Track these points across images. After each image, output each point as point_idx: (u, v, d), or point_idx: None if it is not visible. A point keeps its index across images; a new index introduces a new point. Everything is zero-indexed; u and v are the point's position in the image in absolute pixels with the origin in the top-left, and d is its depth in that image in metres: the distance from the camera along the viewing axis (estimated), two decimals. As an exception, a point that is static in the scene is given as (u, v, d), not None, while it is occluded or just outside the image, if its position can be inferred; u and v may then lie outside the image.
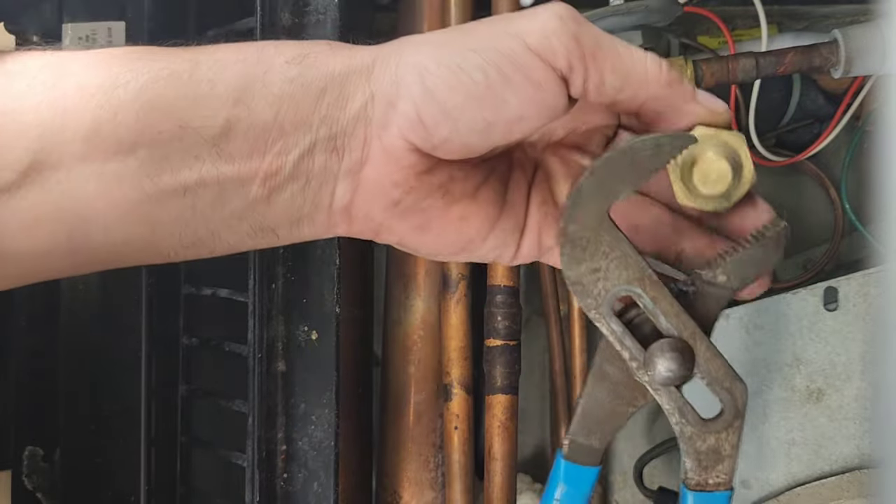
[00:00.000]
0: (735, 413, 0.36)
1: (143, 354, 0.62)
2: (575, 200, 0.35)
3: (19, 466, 0.64)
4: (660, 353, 0.35)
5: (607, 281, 0.35)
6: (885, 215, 0.31)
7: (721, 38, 0.75)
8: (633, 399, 0.37)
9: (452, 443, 0.64)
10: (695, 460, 0.36)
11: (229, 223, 0.35)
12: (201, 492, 0.64)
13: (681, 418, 0.36)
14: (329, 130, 0.34)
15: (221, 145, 0.33)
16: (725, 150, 0.35)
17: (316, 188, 0.35)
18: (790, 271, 0.79)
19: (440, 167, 0.35)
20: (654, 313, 0.35)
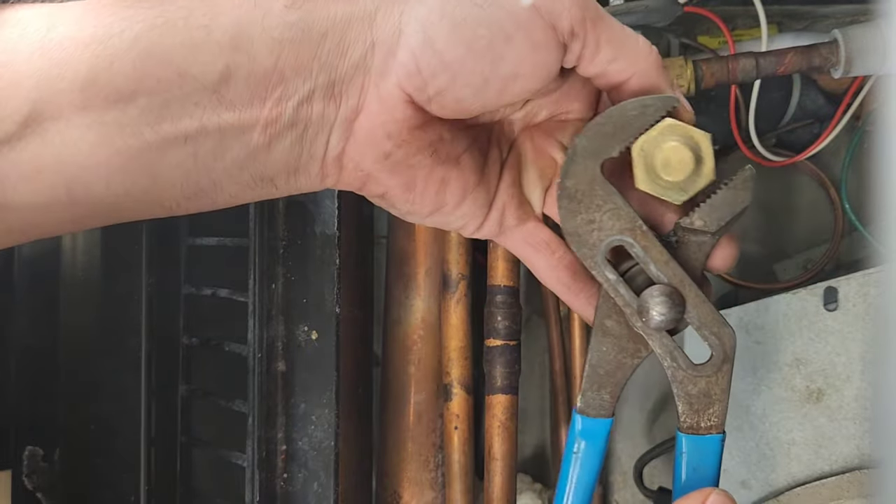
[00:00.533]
0: (724, 357, 0.38)
1: (143, 354, 0.62)
2: (571, 158, 0.37)
3: (19, 466, 0.64)
4: (651, 299, 0.36)
5: (601, 231, 0.37)
6: (885, 215, 0.31)
7: (721, 38, 0.75)
8: (636, 350, 0.39)
9: (452, 443, 0.64)
10: (686, 404, 0.38)
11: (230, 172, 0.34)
12: (201, 492, 0.64)
13: (672, 362, 0.38)
14: (328, 77, 0.34)
15: (222, 92, 0.33)
16: (690, 142, 0.36)
17: (312, 136, 0.35)
18: (790, 271, 0.79)
19: (432, 125, 0.36)
20: (645, 261, 0.37)
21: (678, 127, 0.36)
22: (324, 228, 0.56)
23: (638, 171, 0.37)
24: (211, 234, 0.62)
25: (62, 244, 0.64)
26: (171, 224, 0.64)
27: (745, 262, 0.81)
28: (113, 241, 0.64)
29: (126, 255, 0.63)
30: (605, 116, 0.37)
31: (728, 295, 0.81)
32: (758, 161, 0.72)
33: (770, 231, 0.81)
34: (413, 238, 0.67)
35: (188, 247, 0.64)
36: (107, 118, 0.32)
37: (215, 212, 0.63)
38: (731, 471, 0.61)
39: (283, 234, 0.57)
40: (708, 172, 0.36)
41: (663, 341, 0.38)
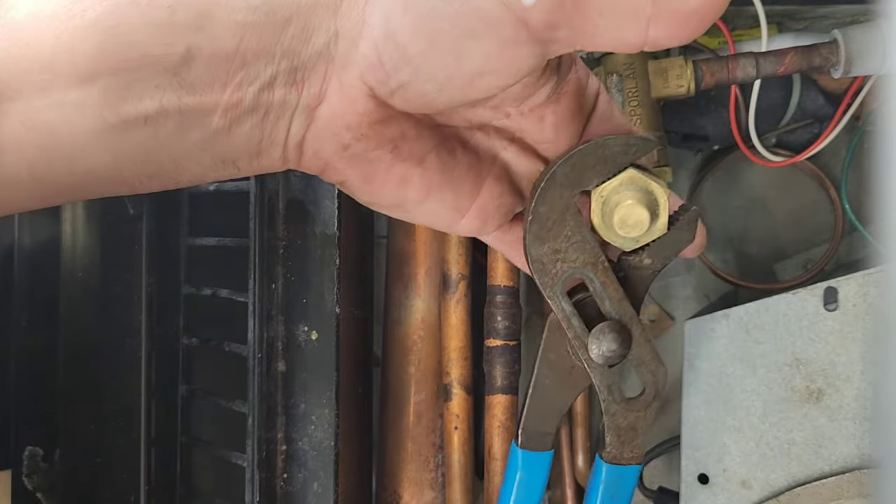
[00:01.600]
0: (654, 394, 0.39)
1: (143, 354, 0.62)
2: (549, 184, 0.37)
3: (19, 466, 0.64)
4: (603, 335, 0.38)
5: (564, 263, 0.38)
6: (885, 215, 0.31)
7: (721, 38, 0.75)
8: (576, 383, 0.40)
9: (452, 443, 0.64)
10: (615, 435, 0.40)
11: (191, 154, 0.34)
12: (201, 492, 0.64)
13: (608, 395, 0.39)
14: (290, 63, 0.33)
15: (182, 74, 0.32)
16: (649, 198, 0.37)
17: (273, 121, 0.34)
18: (790, 271, 0.79)
19: (395, 120, 0.35)
20: (601, 297, 0.38)
21: (640, 179, 0.37)
22: (324, 228, 0.56)
23: (595, 217, 0.37)
24: (211, 234, 0.62)
25: (62, 244, 0.64)
26: (171, 224, 0.64)
27: (745, 262, 0.81)
28: (113, 241, 0.64)
29: (126, 255, 0.63)
30: (588, 147, 0.37)
31: (728, 295, 0.81)
32: (758, 161, 0.72)
33: (770, 231, 0.81)
34: (413, 238, 0.67)
35: (188, 247, 0.64)
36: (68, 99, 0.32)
37: (215, 212, 0.63)
38: (731, 471, 0.62)
39: (283, 234, 0.57)
40: (661, 227, 0.37)
41: (605, 375, 0.39)
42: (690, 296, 0.82)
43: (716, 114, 0.73)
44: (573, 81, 0.37)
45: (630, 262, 0.38)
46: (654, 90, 0.63)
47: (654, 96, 0.63)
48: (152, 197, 0.63)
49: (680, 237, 0.38)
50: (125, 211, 0.63)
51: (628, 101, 0.63)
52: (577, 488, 0.76)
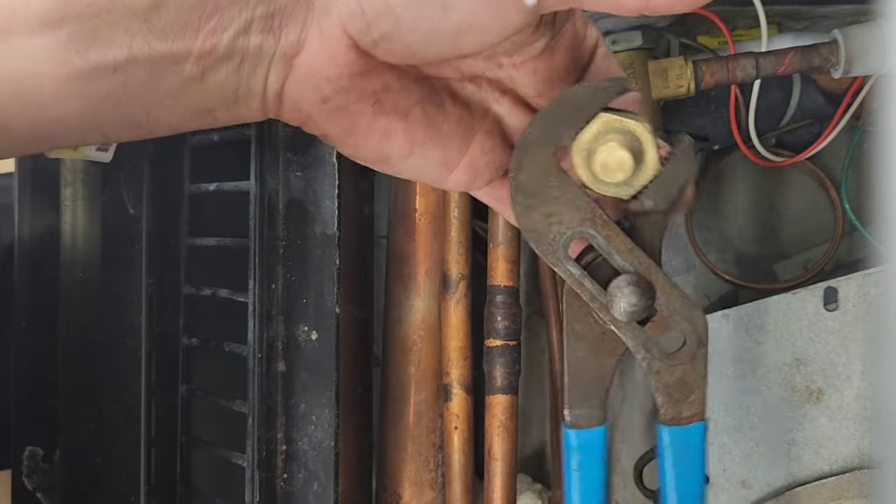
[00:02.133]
0: (698, 342, 0.36)
1: (143, 354, 0.63)
2: (521, 149, 0.35)
3: (19, 466, 0.64)
4: (619, 290, 0.35)
5: (560, 225, 0.35)
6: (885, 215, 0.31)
7: (721, 38, 0.75)
8: (612, 348, 0.37)
9: (452, 443, 0.64)
10: (665, 395, 0.37)
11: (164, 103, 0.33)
12: (201, 492, 0.64)
13: (646, 353, 0.36)
14: (266, 9, 0.32)
15: (153, 20, 0.31)
16: (629, 137, 0.34)
17: (250, 70, 0.33)
18: (790, 271, 0.79)
19: (377, 72, 0.34)
20: (609, 252, 0.35)
21: (614, 121, 0.34)
22: (324, 228, 0.56)
23: (581, 172, 0.35)
24: (211, 234, 0.62)
25: (62, 244, 0.64)
26: (171, 224, 0.64)
27: (745, 262, 0.81)
28: (113, 241, 0.64)
29: (126, 255, 0.63)
30: (553, 103, 0.35)
31: (728, 295, 0.81)
32: (758, 161, 0.72)
33: (770, 231, 0.81)
34: (413, 238, 0.67)
35: (188, 247, 0.64)
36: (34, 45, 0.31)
37: (215, 212, 0.63)
38: (731, 471, 0.62)
39: (283, 234, 0.57)
40: (651, 165, 0.35)
41: (635, 332, 0.36)
42: (690, 296, 0.82)
43: (716, 114, 0.73)
44: (569, 34, 0.36)
45: (635, 211, 0.36)
46: (654, 90, 0.63)
47: (654, 96, 0.63)
48: (152, 197, 0.63)
49: (678, 170, 0.35)
50: (125, 211, 0.63)
51: (628, 101, 0.63)
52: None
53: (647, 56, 0.64)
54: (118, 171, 0.63)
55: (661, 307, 0.36)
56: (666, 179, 0.35)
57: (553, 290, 0.74)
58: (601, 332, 0.37)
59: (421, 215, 0.66)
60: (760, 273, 0.80)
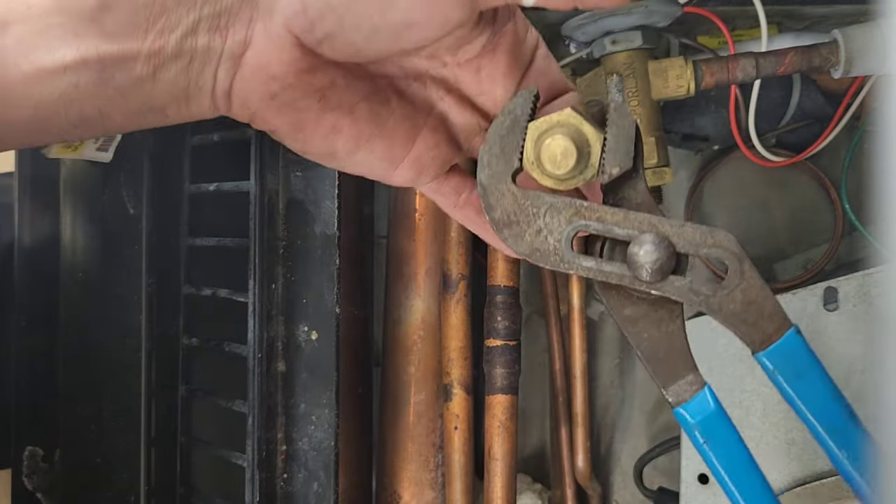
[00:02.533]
0: (738, 259, 0.36)
1: (143, 354, 0.62)
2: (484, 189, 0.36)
3: (19, 466, 0.64)
4: (638, 256, 0.35)
5: (552, 233, 0.36)
6: (885, 215, 0.31)
7: (721, 38, 0.75)
8: (670, 313, 0.37)
9: (452, 443, 0.64)
10: (742, 324, 0.36)
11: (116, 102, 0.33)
12: (201, 492, 0.64)
13: (698, 297, 0.35)
14: (213, 9, 0.33)
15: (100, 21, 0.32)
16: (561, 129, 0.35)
17: (199, 69, 0.34)
18: (790, 271, 0.79)
19: (323, 70, 0.35)
20: (608, 229, 0.36)
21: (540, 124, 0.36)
22: (324, 228, 0.56)
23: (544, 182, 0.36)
24: (211, 234, 0.62)
25: (62, 244, 0.64)
26: (171, 224, 0.64)
27: (745, 262, 0.81)
28: (113, 242, 0.64)
29: (126, 255, 0.63)
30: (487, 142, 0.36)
31: (728, 295, 0.81)
32: (758, 161, 0.72)
33: (770, 231, 0.81)
34: (413, 238, 0.67)
35: (188, 247, 0.64)
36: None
37: (215, 212, 0.63)
38: (731, 471, 0.62)
39: (283, 234, 0.57)
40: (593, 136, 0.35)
41: (676, 285, 0.35)
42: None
43: (716, 114, 0.73)
44: (510, 33, 0.36)
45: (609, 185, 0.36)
46: (654, 90, 0.63)
47: (654, 96, 0.63)
48: (152, 197, 0.63)
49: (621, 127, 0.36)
50: (125, 211, 0.63)
51: (628, 100, 0.63)
52: (577, 488, 0.76)
53: (647, 56, 0.64)
54: (118, 171, 0.63)
55: (684, 248, 0.35)
56: (614, 140, 0.36)
57: (553, 290, 0.74)
58: (649, 304, 0.37)
59: (421, 215, 0.66)
60: (760, 273, 0.80)
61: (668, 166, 0.64)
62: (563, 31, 0.67)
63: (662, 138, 0.64)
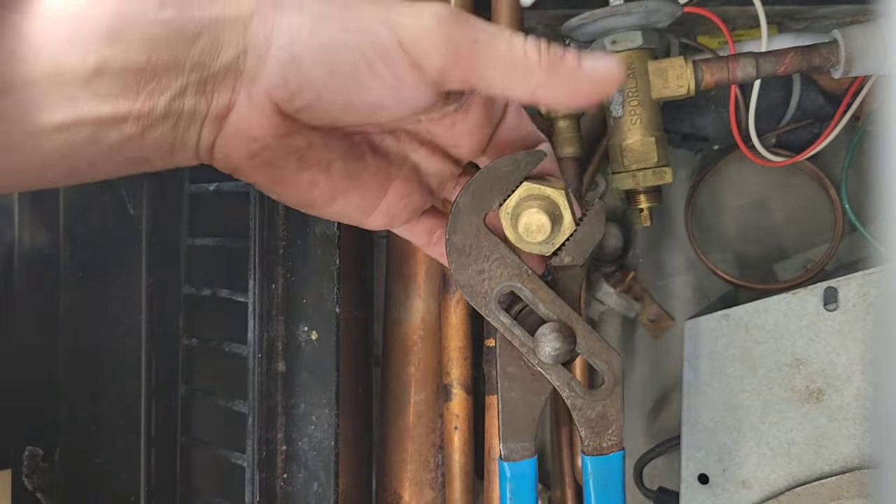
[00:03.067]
0: (614, 380, 0.41)
1: (143, 354, 0.62)
2: (455, 214, 0.40)
3: (19, 466, 0.64)
4: (544, 336, 0.39)
5: (491, 280, 0.40)
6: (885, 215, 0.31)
7: (721, 38, 0.75)
8: (541, 388, 0.42)
9: (452, 443, 0.64)
10: (588, 428, 0.41)
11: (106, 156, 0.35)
12: (201, 492, 0.64)
13: (570, 392, 0.41)
14: (200, 75, 0.35)
15: (95, 85, 0.33)
16: (547, 203, 0.40)
17: (185, 128, 0.36)
18: (790, 271, 0.79)
19: (301, 132, 0.37)
20: (535, 303, 0.40)
21: (534, 189, 0.39)
22: (324, 228, 0.56)
23: (508, 234, 0.40)
24: (211, 234, 0.62)
25: (62, 244, 0.64)
26: (171, 224, 0.64)
27: (745, 262, 0.81)
28: (113, 242, 0.64)
29: (126, 255, 0.63)
30: (483, 173, 0.40)
31: (728, 295, 0.81)
32: (758, 161, 0.72)
33: (770, 231, 0.81)
34: (413, 238, 0.67)
35: (188, 247, 0.64)
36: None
37: (215, 212, 0.63)
38: (731, 471, 0.62)
39: (283, 234, 0.57)
40: (567, 225, 0.40)
41: (560, 374, 0.40)
42: (690, 296, 0.82)
43: (716, 114, 0.73)
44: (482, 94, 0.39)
45: (555, 266, 0.40)
46: (654, 90, 0.63)
47: (654, 96, 0.63)
48: (152, 197, 0.63)
49: (591, 231, 0.40)
50: (125, 211, 0.63)
51: (628, 100, 0.63)
52: (577, 488, 0.76)
53: (647, 56, 0.64)
54: (118, 171, 0.63)
55: (582, 350, 0.40)
56: (581, 238, 0.40)
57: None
58: (531, 374, 0.41)
59: (421, 215, 0.66)
60: (760, 273, 0.80)
61: (668, 166, 0.64)
62: (563, 31, 0.67)
63: (662, 138, 0.64)
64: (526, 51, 0.35)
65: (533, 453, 0.42)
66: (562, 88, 0.35)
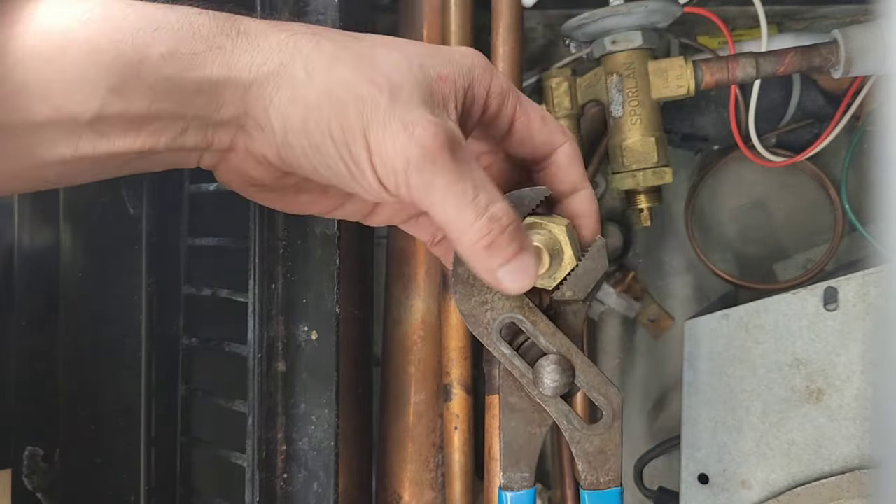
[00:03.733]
0: (613, 415, 0.41)
1: (143, 354, 0.62)
2: None
3: (19, 466, 0.64)
4: (543, 369, 0.40)
5: (493, 311, 0.41)
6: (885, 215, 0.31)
7: (721, 38, 0.75)
8: (542, 420, 0.42)
9: (452, 443, 0.64)
10: (585, 462, 0.41)
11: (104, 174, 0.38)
12: (201, 492, 0.64)
13: (568, 425, 0.41)
14: (201, 122, 0.36)
15: (97, 126, 0.34)
16: (549, 237, 0.40)
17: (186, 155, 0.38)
18: (790, 271, 0.79)
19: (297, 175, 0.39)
20: (535, 335, 0.41)
21: (537, 223, 0.40)
22: (324, 228, 0.56)
23: None
24: (211, 234, 0.62)
25: (62, 244, 0.64)
26: (171, 224, 0.64)
27: (745, 262, 0.81)
28: (113, 241, 0.64)
29: (126, 255, 0.63)
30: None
31: (728, 295, 0.81)
32: (758, 161, 0.72)
33: (770, 231, 0.81)
34: (413, 238, 0.67)
35: (188, 247, 0.64)
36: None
37: (215, 212, 0.63)
38: (731, 471, 0.62)
39: (283, 234, 0.57)
40: (569, 260, 0.40)
41: (558, 406, 0.41)
42: (690, 296, 0.82)
43: (716, 114, 0.73)
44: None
45: (557, 299, 0.41)
46: (654, 90, 0.63)
47: (654, 96, 0.63)
48: (152, 197, 0.63)
49: (593, 265, 0.41)
50: (125, 211, 0.63)
51: (628, 101, 0.63)
52: (577, 488, 0.76)
53: (647, 56, 0.64)
54: (118, 171, 0.63)
55: (581, 383, 0.40)
56: (583, 272, 0.40)
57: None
58: (532, 405, 0.42)
59: (421, 215, 0.66)
60: (760, 273, 0.80)
61: (669, 166, 0.64)
62: (563, 31, 0.67)
63: (662, 138, 0.64)
64: (472, 226, 0.36)
65: (532, 484, 0.42)
66: (480, 268, 0.37)
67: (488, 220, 0.36)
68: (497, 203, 0.36)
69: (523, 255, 0.37)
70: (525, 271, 0.37)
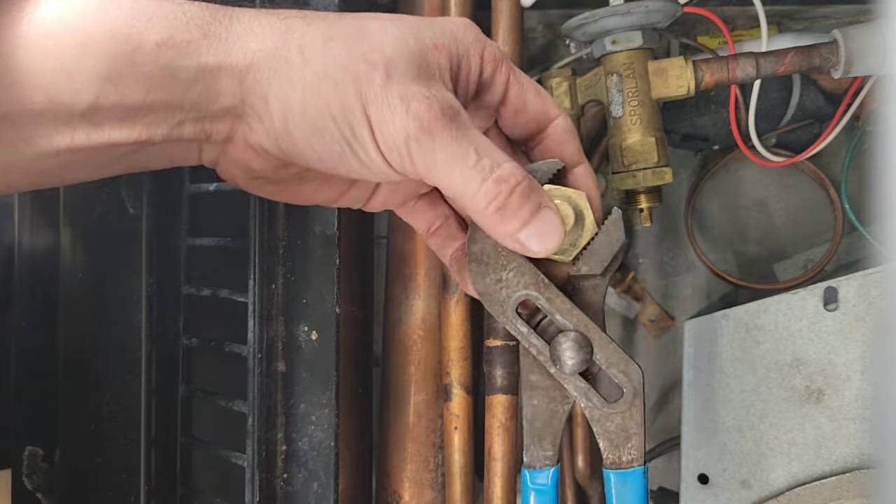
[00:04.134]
0: (634, 392, 0.40)
1: (143, 354, 0.62)
2: (474, 226, 0.40)
3: (19, 466, 0.64)
4: (560, 346, 0.39)
5: (509, 288, 0.40)
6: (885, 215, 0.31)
7: (721, 38, 0.75)
8: (564, 397, 0.41)
9: (452, 443, 0.64)
10: (607, 440, 0.40)
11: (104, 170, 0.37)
12: (201, 492, 0.64)
13: (588, 402, 0.40)
14: (198, 114, 0.36)
15: (91, 117, 0.34)
16: (570, 202, 0.39)
17: (185, 148, 0.38)
18: (790, 271, 0.79)
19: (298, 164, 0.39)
20: (552, 312, 0.40)
21: (555, 190, 0.39)
22: (324, 228, 0.56)
23: None
24: (211, 234, 0.62)
25: (62, 244, 0.64)
26: (171, 224, 0.64)
27: (745, 262, 0.81)
28: (113, 241, 0.64)
29: (126, 255, 0.63)
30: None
31: (728, 295, 0.81)
32: (758, 161, 0.72)
33: (770, 231, 0.81)
34: (413, 238, 0.67)
35: (188, 247, 0.64)
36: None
37: (215, 212, 0.63)
38: (731, 471, 0.62)
39: (283, 234, 0.57)
40: (590, 226, 0.39)
41: (577, 384, 0.40)
42: (690, 296, 0.82)
43: (716, 114, 0.73)
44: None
45: (574, 275, 0.40)
46: (654, 90, 0.63)
47: (654, 96, 0.63)
48: (152, 197, 0.63)
49: (609, 238, 0.40)
50: (125, 211, 0.63)
51: (628, 101, 0.63)
52: (577, 488, 0.76)
53: (647, 56, 0.64)
54: (118, 171, 0.63)
55: (600, 360, 0.40)
56: (598, 247, 0.40)
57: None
58: (552, 381, 0.41)
59: (421, 215, 0.66)
60: (760, 273, 0.80)
61: (669, 166, 0.64)
62: (563, 31, 0.67)
63: (662, 138, 0.64)
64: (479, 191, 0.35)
65: (555, 462, 0.41)
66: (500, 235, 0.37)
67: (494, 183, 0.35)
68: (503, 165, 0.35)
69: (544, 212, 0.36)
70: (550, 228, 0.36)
